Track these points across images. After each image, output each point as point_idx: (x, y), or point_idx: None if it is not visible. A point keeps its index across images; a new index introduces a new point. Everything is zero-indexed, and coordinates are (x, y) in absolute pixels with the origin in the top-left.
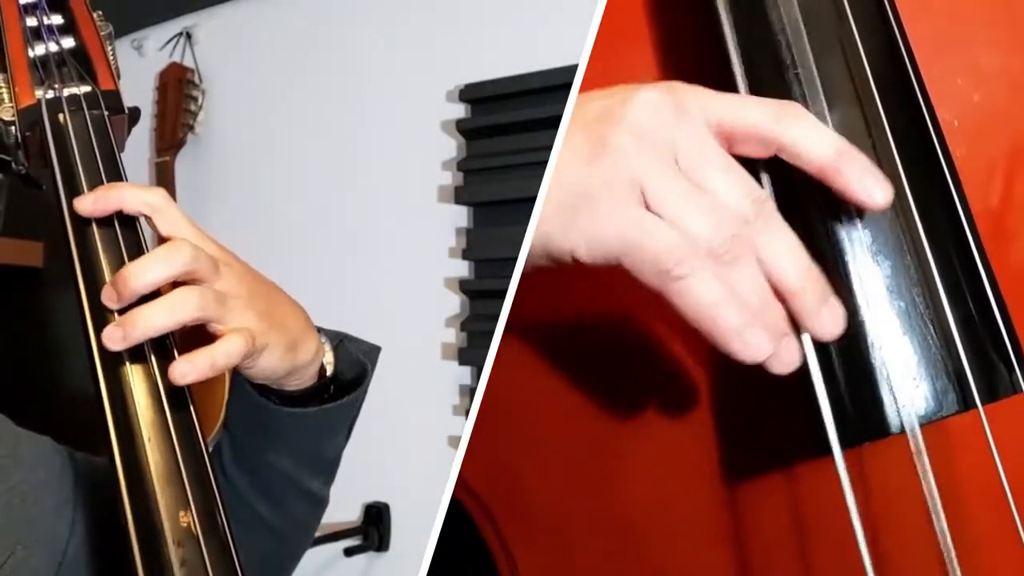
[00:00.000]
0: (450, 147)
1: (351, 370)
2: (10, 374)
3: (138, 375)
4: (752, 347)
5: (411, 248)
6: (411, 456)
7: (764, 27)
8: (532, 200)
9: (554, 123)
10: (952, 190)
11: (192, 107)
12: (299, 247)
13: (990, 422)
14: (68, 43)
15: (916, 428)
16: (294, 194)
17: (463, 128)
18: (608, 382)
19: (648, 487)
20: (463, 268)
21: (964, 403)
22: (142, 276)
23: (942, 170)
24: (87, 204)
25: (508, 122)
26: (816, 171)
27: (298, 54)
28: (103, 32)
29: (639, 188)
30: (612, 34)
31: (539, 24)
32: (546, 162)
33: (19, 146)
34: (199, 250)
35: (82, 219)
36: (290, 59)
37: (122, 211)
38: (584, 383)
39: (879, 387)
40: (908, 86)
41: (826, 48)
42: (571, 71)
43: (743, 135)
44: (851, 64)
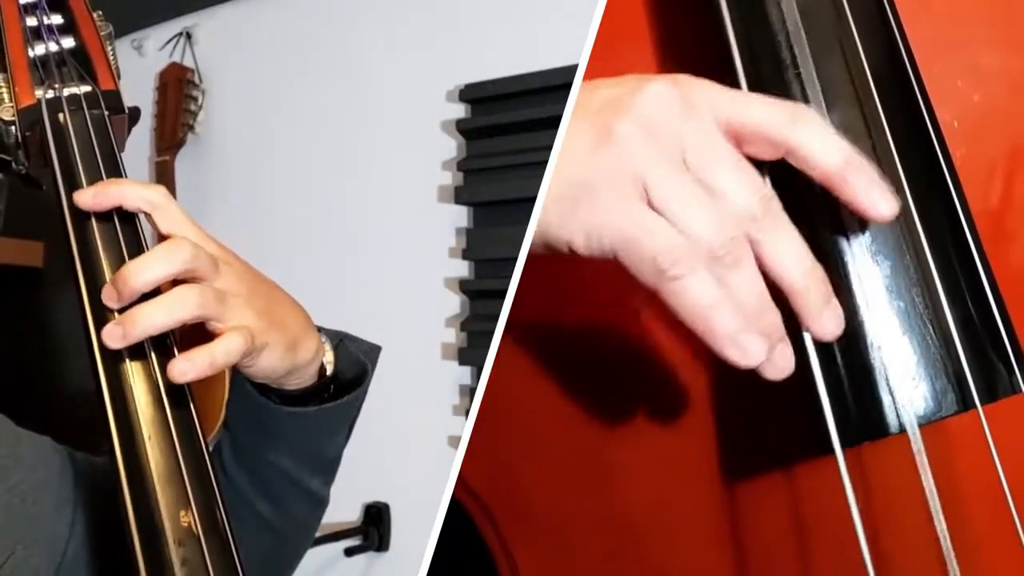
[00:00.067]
0: (450, 147)
1: (351, 369)
2: (10, 374)
3: (138, 374)
4: (747, 352)
5: (411, 248)
6: (411, 456)
7: (764, 26)
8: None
9: (554, 123)
10: (952, 190)
11: (192, 107)
12: (299, 247)
13: (989, 422)
14: (68, 43)
15: (915, 428)
16: (294, 194)
17: (463, 128)
18: (608, 382)
19: (648, 487)
20: (463, 268)
21: (963, 403)
22: (142, 275)
23: (942, 170)
24: (87, 197)
25: (508, 122)
26: (823, 179)
27: (298, 54)
28: (103, 32)
29: (642, 183)
30: (612, 34)
31: (539, 24)
32: (546, 162)
33: (19, 146)
34: (199, 248)
35: (82, 216)
36: (290, 59)
37: (122, 207)
38: (584, 383)
39: (878, 387)
40: (908, 86)
41: (825, 48)
42: (571, 71)
43: (752, 135)
44: (850, 64)
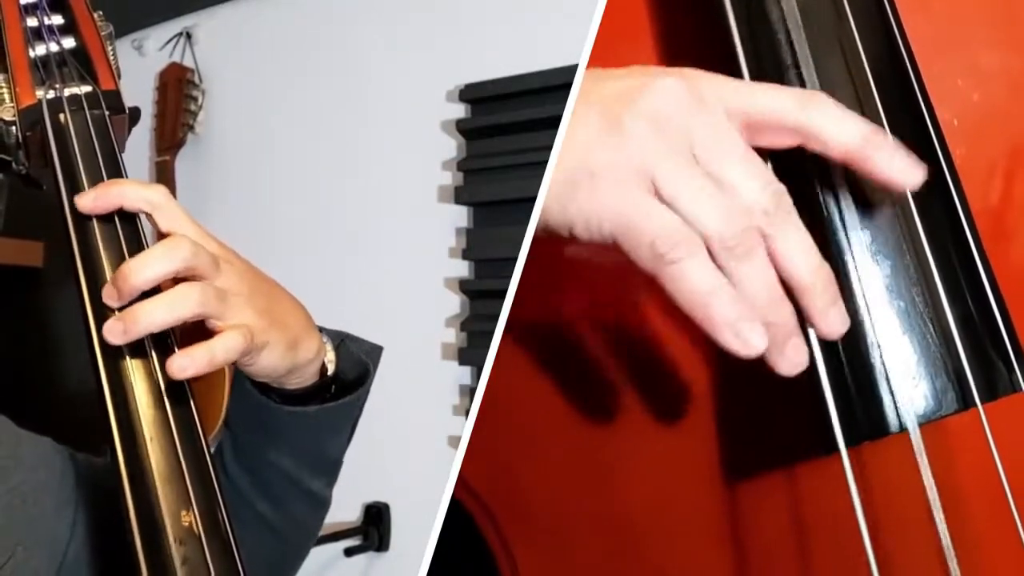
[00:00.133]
0: (450, 147)
1: (353, 370)
2: (10, 374)
3: (139, 373)
4: (745, 341)
5: (411, 248)
6: (411, 456)
7: (765, 26)
8: (532, 200)
9: (554, 123)
10: (952, 189)
11: (192, 107)
12: (299, 247)
13: (989, 421)
14: (69, 43)
15: (916, 427)
16: (294, 194)
17: (463, 128)
18: (608, 382)
19: (648, 487)
20: (463, 268)
21: (963, 402)
22: (142, 272)
23: (942, 169)
24: (88, 200)
25: (508, 122)
26: (844, 158)
27: (298, 54)
28: (103, 32)
29: (649, 177)
30: (612, 34)
31: (539, 24)
32: (546, 162)
33: (20, 146)
34: (199, 246)
35: (83, 216)
36: (290, 59)
37: (123, 208)
38: (584, 383)
39: (879, 386)
40: (908, 85)
41: (826, 47)
42: (571, 71)
43: (766, 123)
44: (851, 63)
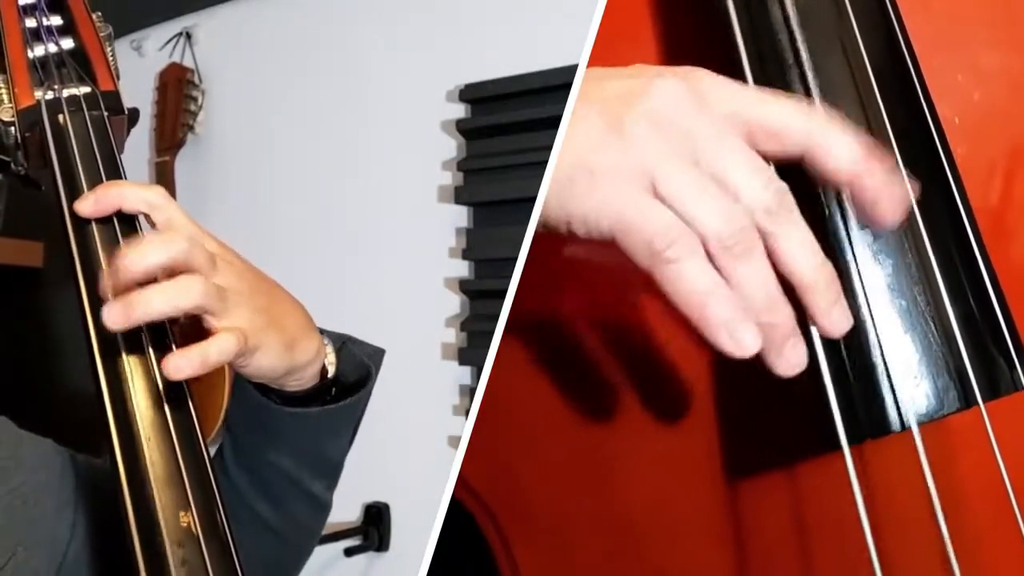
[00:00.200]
0: (450, 147)
1: (354, 372)
2: (10, 374)
3: (138, 374)
4: (739, 342)
5: (411, 248)
6: (411, 456)
7: (767, 25)
8: (532, 200)
9: (554, 123)
10: (953, 188)
11: (192, 107)
12: (299, 247)
13: (991, 420)
14: (67, 44)
15: (917, 426)
16: (294, 194)
17: (463, 128)
18: (608, 381)
19: (648, 486)
20: (463, 268)
21: (965, 400)
22: (137, 259)
23: (943, 168)
24: (87, 205)
25: (508, 122)
26: (837, 178)
27: (298, 54)
28: (102, 33)
29: (649, 177)
30: (612, 34)
31: (539, 24)
32: (546, 162)
33: (19, 147)
34: (196, 241)
35: (82, 218)
36: (290, 59)
37: (121, 209)
38: (584, 382)
39: (880, 385)
40: (909, 83)
41: (827, 45)
42: (571, 71)
43: (767, 134)
44: (851, 61)
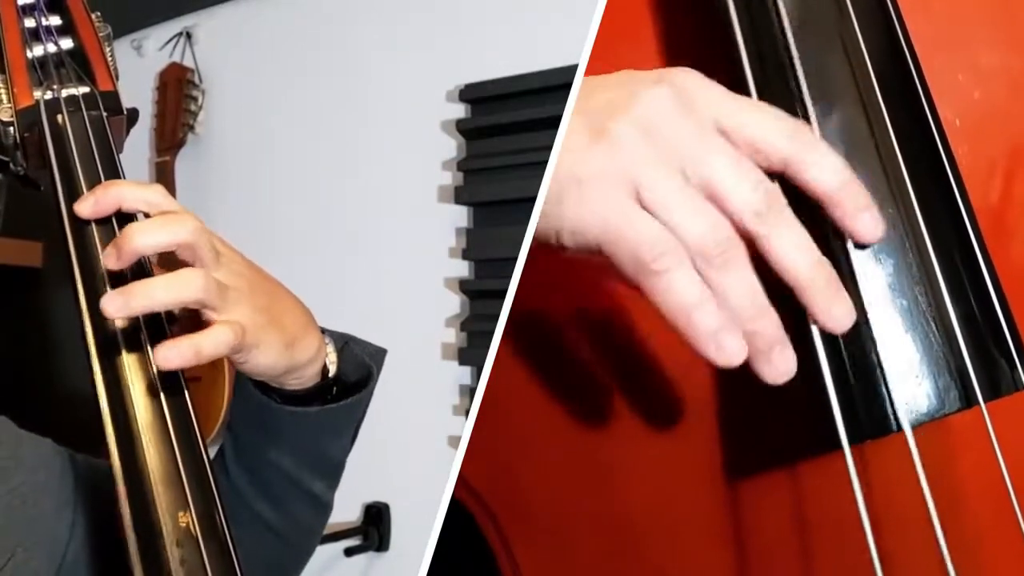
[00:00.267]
0: (450, 147)
1: (355, 372)
2: (10, 374)
3: (135, 373)
4: (726, 351)
5: (411, 248)
6: (411, 456)
7: (767, 25)
8: (532, 200)
9: (554, 123)
10: (954, 188)
11: (192, 107)
12: (299, 247)
13: (992, 419)
14: (66, 44)
15: (918, 426)
16: (294, 194)
17: (463, 128)
18: (608, 381)
19: (648, 486)
20: (463, 268)
21: (966, 400)
22: (143, 237)
23: (944, 168)
24: (87, 207)
25: (508, 122)
26: (818, 196)
27: (298, 54)
28: (101, 33)
29: (634, 184)
30: (613, 34)
31: (539, 24)
32: (546, 162)
33: (18, 147)
34: (202, 229)
35: (81, 219)
36: (290, 59)
37: (121, 209)
38: (583, 383)
39: (881, 385)
40: (910, 83)
41: (827, 45)
42: (571, 71)
43: (753, 147)
44: (852, 61)
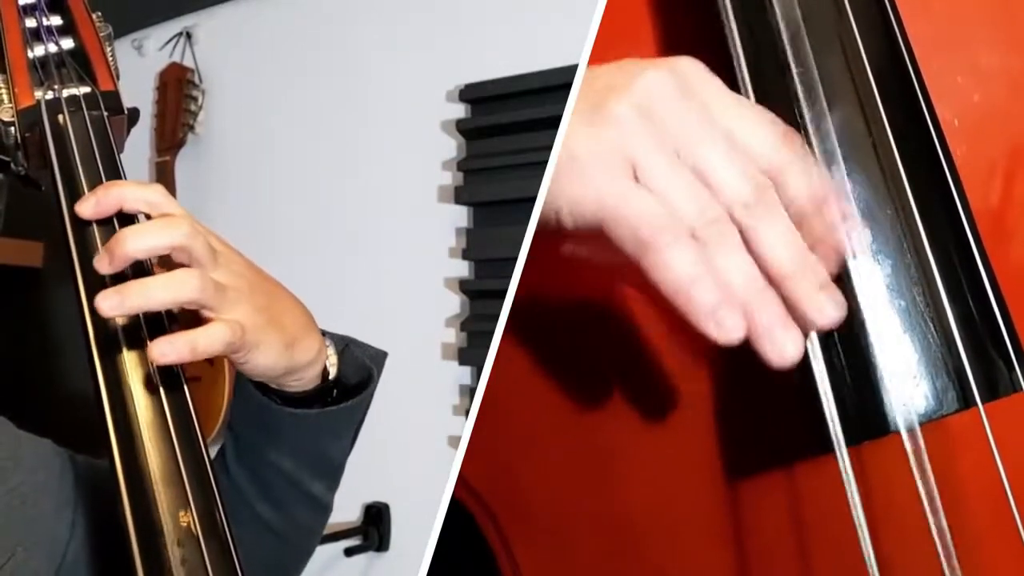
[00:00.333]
0: (450, 147)
1: (355, 374)
2: (10, 374)
3: (135, 373)
4: (724, 327)
5: (411, 248)
6: (411, 456)
7: (765, 25)
8: (532, 200)
9: (554, 123)
10: (952, 189)
11: (192, 107)
12: (299, 247)
13: (990, 420)
14: (67, 44)
15: (916, 427)
16: (294, 194)
17: (463, 128)
18: (607, 381)
19: (648, 486)
20: (463, 268)
21: (964, 401)
22: (136, 241)
23: (942, 168)
24: (88, 208)
25: (508, 122)
26: (794, 210)
27: (298, 54)
28: (102, 33)
29: (630, 161)
30: (612, 34)
31: (539, 24)
32: (546, 162)
33: (18, 147)
34: (197, 231)
35: (82, 219)
36: (290, 59)
37: (122, 209)
38: (583, 382)
39: (879, 385)
40: (908, 84)
41: (826, 46)
42: (571, 71)
43: (741, 149)
44: (851, 62)
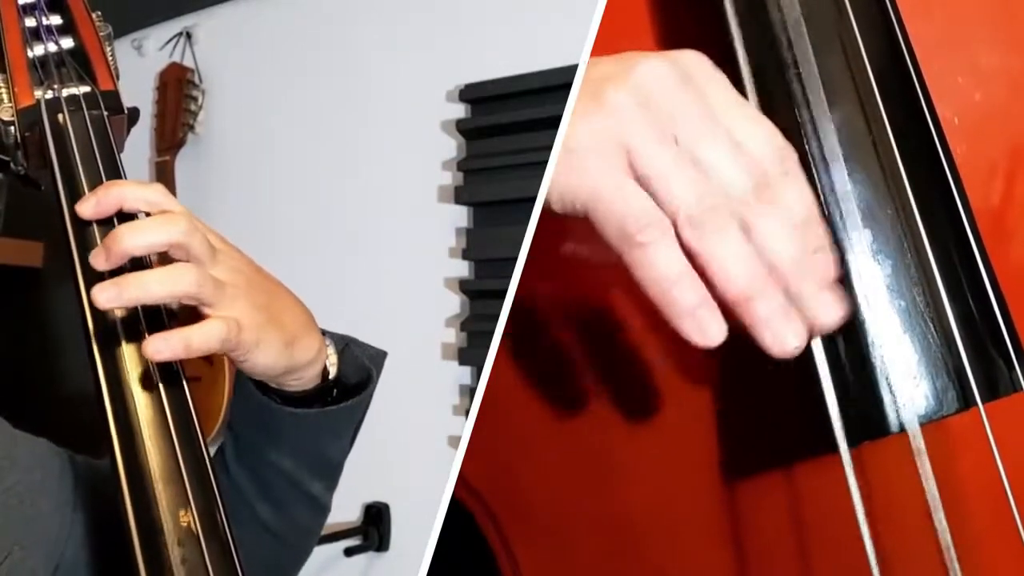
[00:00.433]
0: (450, 147)
1: (355, 374)
2: (10, 374)
3: (135, 371)
4: (703, 328)
5: (411, 248)
6: (411, 456)
7: (766, 24)
8: (532, 200)
9: (554, 123)
10: (952, 188)
11: (192, 107)
12: (299, 247)
13: (990, 420)
14: (67, 43)
15: (916, 427)
16: (294, 194)
17: (463, 128)
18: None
19: (648, 486)
20: (463, 268)
21: (964, 401)
22: (133, 237)
23: (942, 168)
24: (89, 208)
25: (508, 122)
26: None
27: (298, 54)
28: (102, 32)
29: (626, 150)
30: (613, 33)
31: (539, 24)
32: (546, 162)
33: (18, 146)
34: (196, 228)
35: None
36: (290, 59)
37: (122, 209)
38: (583, 383)
39: (879, 386)
40: (909, 83)
41: (826, 45)
42: (571, 71)
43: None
44: (851, 61)
